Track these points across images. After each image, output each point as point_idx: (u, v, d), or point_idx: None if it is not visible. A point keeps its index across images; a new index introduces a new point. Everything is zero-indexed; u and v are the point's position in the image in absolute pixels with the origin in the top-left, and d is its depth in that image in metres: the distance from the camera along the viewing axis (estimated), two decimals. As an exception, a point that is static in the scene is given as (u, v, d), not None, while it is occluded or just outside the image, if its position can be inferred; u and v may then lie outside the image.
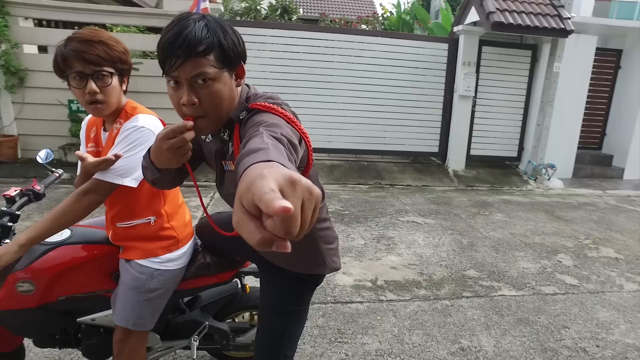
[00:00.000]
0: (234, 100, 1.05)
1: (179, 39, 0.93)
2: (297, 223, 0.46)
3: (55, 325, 1.59)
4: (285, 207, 0.42)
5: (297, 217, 0.46)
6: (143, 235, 1.50)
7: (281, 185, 0.47)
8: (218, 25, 0.97)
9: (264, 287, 1.42)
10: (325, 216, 1.33)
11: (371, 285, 2.90)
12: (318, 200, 0.50)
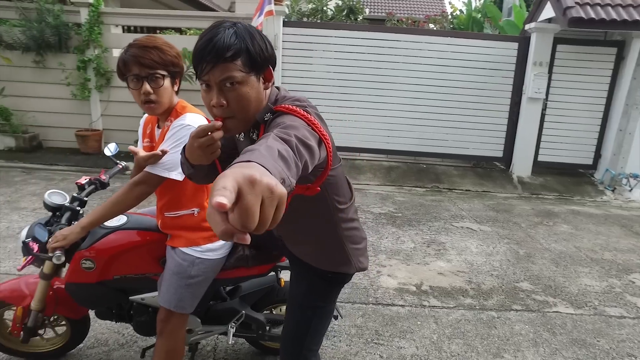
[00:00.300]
0: (262, 102, 1.11)
1: (209, 45, 1.01)
2: (253, 218, 0.50)
3: (111, 300, 1.77)
4: (219, 202, 0.47)
5: (253, 213, 0.50)
6: (187, 225, 1.62)
7: (240, 184, 0.51)
8: (246, 32, 1.04)
9: (293, 282, 1.48)
10: (352, 217, 1.36)
11: (415, 290, 2.86)
12: (281, 199, 0.54)
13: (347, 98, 6.20)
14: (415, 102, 6.17)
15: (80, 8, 6.03)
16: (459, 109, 6.16)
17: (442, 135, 6.25)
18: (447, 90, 6.11)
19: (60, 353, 2.04)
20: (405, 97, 6.16)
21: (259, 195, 0.52)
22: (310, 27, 6.32)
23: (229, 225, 0.50)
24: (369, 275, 3.03)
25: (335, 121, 6.24)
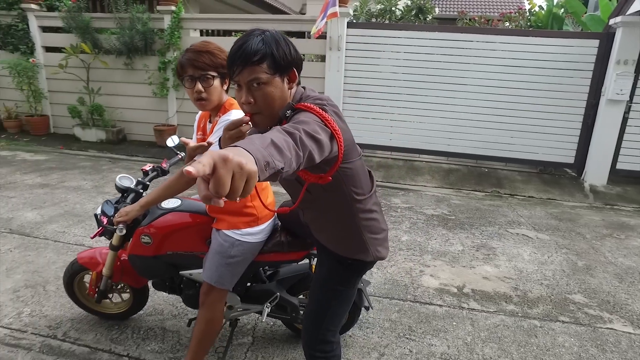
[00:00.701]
0: (286, 100, 1.25)
1: (239, 51, 1.17)
2: (224, 187, 0.64)
3: (164, 273, 2.02)
4: (187, 170, 0.61)
5: (224, 183, 0.64)
6: (230, 210, 1.81)
7: (215, 160, 0.65)
8: (272, 39, 1.19)
9: (318, 265, 1.61)
10: (371, 208, 1.45)
11: (456, 292, 2.84)
12: (249, 174, 0.68)
13: (409, 99, 6.17)
14: (480, 103, 5.98)
15: (164, 15, 6.65)
16: (528, 111, 5.86)
17: (507, 139, 5.99)
18: (516, 91, 5.85)
19: (124, 316, 2.36)
20: (469, 99, 5.99)
21: (230, 170, 0.66)
22: (374, 28, 6.38)
23: (207, 192, 0.65)
24: (410, 273, 3.06)
25: (396, 122, 6.25)
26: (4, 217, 3.85)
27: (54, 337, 2.24)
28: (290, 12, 13.51)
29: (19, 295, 2.62)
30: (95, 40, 7.00)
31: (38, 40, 7.54)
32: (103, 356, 2.11)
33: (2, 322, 2.35)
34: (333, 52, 6.11)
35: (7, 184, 4.89)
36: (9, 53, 7.63)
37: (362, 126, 6.38)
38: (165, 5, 6.59)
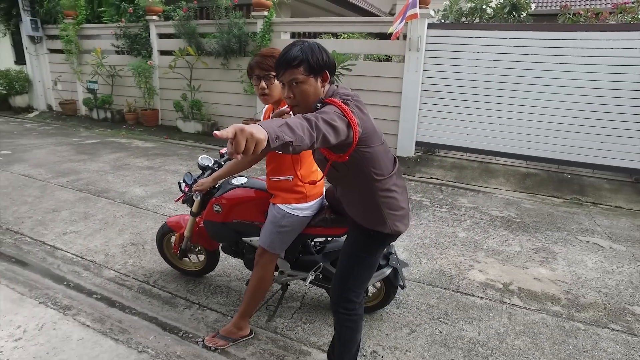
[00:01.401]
0: (319, 95, 1.56)
1: (283, 57, 1.51)
2: (239, 147, 0.97)
3: (231, 238, 2.45)
4: (215, 134, 0.94)
5: (239, 144, 0.97)
6: (283, 188, 2.17)
7: (236, 129, 0.99)
8: (309, 48, 1.50)
9: (347, 235, 1.89)
10: (390, 188, 1.68)
11: (501, 287, 2.90)
12: (257, 141, 1.00)
13: (488, 100, 6.06)
14: (566, 105, 5.67)
15: (258, 20, 7.33)
16: (623, 114, 5.41)
17: (596, 144, 5.59)
18: (610, 92, 5.44)
19: (199, 274, 2.86)
20: (554, 100, 5.71)
21: (244, 137, 0.99)
22: (455, 29, 6.36)
23: (231, 150, 0.98)
24: (459, 267, 3.16)
25: (473, 123, 6.18)
26: (119, 191, 4.71)
27: (147, 283, 2.81)
28: (380, 13, 13.71)
29: (126, 250, 3.28)
30: (199, 44, 7.95)
31: (155, 45, 8.76)
32: (180, 302, 2.61)
33: (114, 267, 3.00)
34: (412, 53, 6.23)
35: (123, 165, 5.88)
36: (133, 57, 8.98)
37: (438, 126, 6.42)
38: (259, 11, 7.26)
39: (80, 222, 3.81)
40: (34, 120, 10.18)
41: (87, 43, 9.79)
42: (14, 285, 2.70)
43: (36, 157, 6.22)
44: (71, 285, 2.76)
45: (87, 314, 2.44)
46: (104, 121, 9.59)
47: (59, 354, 2.07)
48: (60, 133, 8.42)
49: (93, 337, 2.22)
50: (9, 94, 10.98)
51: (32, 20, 10.12)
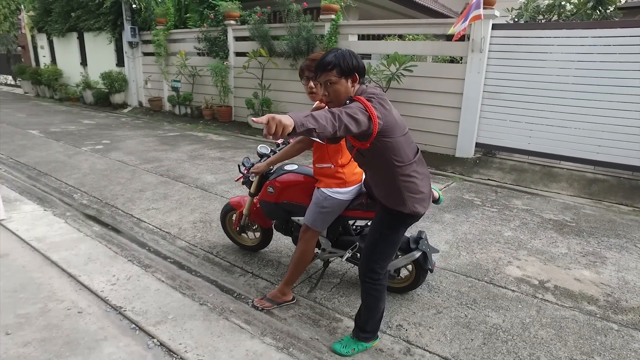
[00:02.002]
0: (348, 94, 1.85)
1: (319, 62, 1.83)
2: (270, 130, 1.30)
3: (281, 217, 2.82)
4: (252, 119, 1.27)
5: (270, 128, 1.31)
6: (326, 174, 2.49)
7: (268, 117, 1.32)
8: (341, 55, 1.81)
9: (375, 215, 2.16)
10: (410, 173, 1.93)
11: (537, 284, 2.96)
12: (284, 127, 1.32)
13: (554, 102, 5.85)
14: (643, 109, 5.33)
15: (325, 23, 7.72)
16: None
17: (676, 151, 5.20)
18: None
19: (255, 249, 3.28)
20: (631, 102, 5.39)
21: (275, 123, 1.32)
22: (522, 29, 6.24)
23: (265, 132, 1.32)
24: (497, 262, 3.26)
25: (536, 125, 6.02)
26: (193, 177, 5.34)
27: (211, 253, 3.29)
28: (451, 13, 13.50)
29: (196, 226, 3.81)
30: (271, 46, 8.54)
31: (231, 47, 9.53)
32: (237, 270, 3.04)
33: (185, 239, 3.53)
34: (475, 54, 6.22)
35: (199, 155, 6.58)
36: (212, 58, 9.85)
37: (499, 128, 6.33)
38: (327, 14, 7.64)
39: (160, 201, 4.45)
40: (127, 115, 11.54)
41: (174, 46, 10.88)
42: (110, 246, 3.31)
43: (128, 147, 7.16)
44: (151, 250, 3.32)
45: (162, 272, 2.95)
46: (184, 116, 10.61)
47: (140, 298, 2.58)
48: (147, 126, 9.50)
49: (166, 290, 2.71)
50: (110, 92, 12.53)
51: (132, 28, 11.48)
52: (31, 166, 5.73)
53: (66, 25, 13.76)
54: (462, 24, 5.82)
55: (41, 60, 16.71)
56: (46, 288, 2.66)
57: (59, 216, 3.91)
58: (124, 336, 2.24)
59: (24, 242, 3.29)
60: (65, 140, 7.58)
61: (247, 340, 2.24)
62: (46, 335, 2.19)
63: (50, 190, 4.77)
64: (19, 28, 17.86)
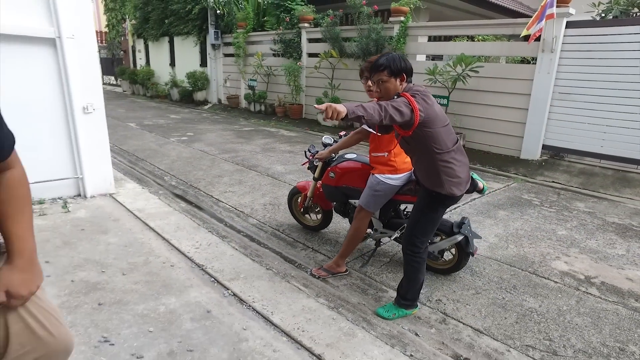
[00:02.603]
0: (397, 91, 2.18)
1: (373, 64, 2.18)
2: (327, 115, 1.69)
3: (340, 199, 3.20)
4: (315, 107, 1.67)
5: (328, 114, 1.70)
6: (380, 162, 2.83)
7: (326, 105, 1.71)
8: (392, 58, 2.15)
9: (418, 195, 2.46)
10: (448, 160, 2.21)
11: (582, 278, 3.04)
12: (339, 113, 1.70)
13: (630, 103, 5.61)
14: None
15: (394, 25, 7.97)
16: None
17: None
18: None
19: (316, 229, 3.70)
20: None
21: (331, 110, 1.71)
22: (598, 26, 6.01)
23: (325, 117, 1.71)
24: (545, 256, 3.36)
25: (611, 127, 5.80)
26: (265, 167, 5.91)
27: (278, 230, 3.76)
28: (528, 10, 12.99)
29: (266, 207, 4.33)
30: (341, 47, 8.96)
31: (304, 49, 10.11)
32: (299, 245, 3.48)
33: (256, 217, 4.05)
34: (545, 54, 6.13)
35: (270, 148, 7.19)
36: (286, 59, 10.51)
37: (569, 130, 6.17)
38: (396, 16, 7.89)
39: (235, 186, 5.05)
40: (208, 111, 12.63)
41: (252, 48, 11.73)
42: (194, 219, 3.92)
43: (209, 139, 7.99)
44: (227, 225, 3.87)
45: (236, 242, 3.48)
46: (259, 113, 11.41)
47: (218, 260, 3.11)
48: (225, 121, 10.40)
49: (239, 256, 3.21)
50: (194, 90, 13.78)
51: (215, 32, 12.56)
52: (131, 153, 6.69)
53: (160, 30, 15.34)
54: (538, 25, 5.76)
55: (138, 62, 18.72)
56: (147, 246, 3.29)
57: (153, 193, 4.63)
58: (205, 286, 2.76)
59: (129, 211, 4.01)
60: (156, 132, 8.62)
61: (304, 298, 2.66)
62: (149, 279, 2.78)
63: (146, 172, 5.59)
64: (122, 35, 20.15)
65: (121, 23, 19.31)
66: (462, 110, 7.11)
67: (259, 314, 2.47)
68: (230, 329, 2.30)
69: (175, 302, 2.53)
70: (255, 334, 2.27)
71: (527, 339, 2.35)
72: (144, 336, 2.20)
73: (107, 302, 2.49)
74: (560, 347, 2.30)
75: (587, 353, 2.26)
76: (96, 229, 3.54)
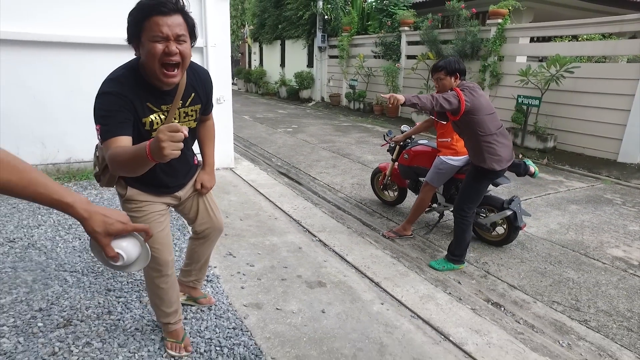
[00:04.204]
0: (452, 87, 2.80)
1: (434, 66, 2.85)
2: (390, 101, 2.42)
3: (412, 177, 3.86)
4: (381, 95, 2.40)
5: (390, 100, 2.43)
6: (445, 146, 3.44)
7: (390, 94, 2.43)
8: (448, 61, 2.80)
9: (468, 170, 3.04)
10: (491, 141, 2.77)
11: (635, 264, 3.27)
12: (398, 100, 2.41)
13: None
14: None
15: (491, 27, 8.17)
16: None
17: None
18: None
19: (392, 204, 4.40)
20: None
21: (393, 98, 2.44)
22: None
23: (387, 103, 2.44)
24: (602, 243, 3.61)
25: None
26: (357, 155, 6.72)
27: (360, 202, 4.54)
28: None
29: (353, 186, 5.13)
30: (438, 49, 9.36)
31: (404, 51, 10.68)
32: (376, 214, 4.21)
33: (344, 192, 4.88)
34: (652, 55, 5.93)
35: (364, 141, 7.98)
36: (385, 61, 11.18)
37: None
38: (494, 19, 8.08)
39: (330, 169, 5.93)
40: (311, 107, 13.85)
41: (354, 50, 12.62)
42: (294, 190, 4.87)
43: (310, 131, 9.05)
44: (320, 196, 4.75)
45: (325, 208, 4.32)
46: (357, 111, 12.25)
47: (310, 218, 3.97)
48: (326, 117, 11.44)
49: (327, 217, 4.05)
50: (300, 89, 15.16)
51: (322, 36, 13.73)
52: (245, 139, 8.00)
53: (274, 35, 17.08)
54: None
55: (252, 63, 20.92)
56: (257, 205, 4.30)
57: (263, 170, 5.72)
58: (298, 233, 3.64)
59: (244, 180, 5.11)
60: (266, 123, 9.96)
61: (373, 249, 3.39)
62: (258, 224, 3.76)
63: (257, 154, 6.77)
64: (242, 39, 22.67)
65: (241, 28, 21.74)
66: (555, 112, 7.09)
67: (337, 254, 3.26)
68: (314, 259, 3.13)
69: (277, 240, 3.45)
70: (332, 265, 3.07)
71: (556, 297, 2.79)
72: (254, 255, 3.14)
73: (230, 234, 3.51)
74: (584, 306, 2.70)
75: (609, 314, 2.63)
76: (221, 190, 4.67)
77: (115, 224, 0.93)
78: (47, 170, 4.64)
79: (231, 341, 2.14)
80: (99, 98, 1.47)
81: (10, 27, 4.04)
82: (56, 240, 3.20)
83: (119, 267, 1.00)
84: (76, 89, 4.41)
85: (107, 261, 0.99)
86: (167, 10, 1.39)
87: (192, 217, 2.06)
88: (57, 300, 2.41)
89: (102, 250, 0.94)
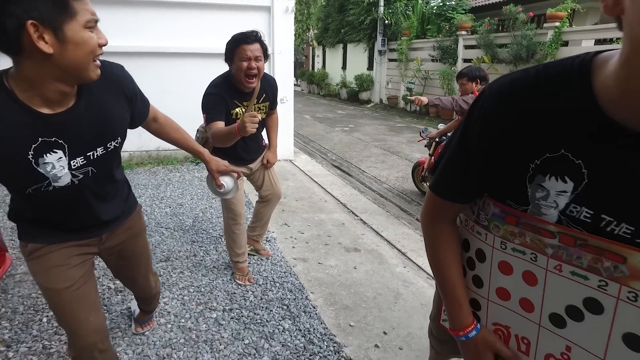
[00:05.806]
0: (472, 91, 3.30)
1: (459, 73, 3.37)
2: (416, 102, 3.01)
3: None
4: (408, 97, 2.99)
5: (416, 101, 3.00)
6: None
7: (416, 97, 3.01)
8: (470, 69, 3.31)
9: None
10: None
11: None
12: (422, 102, 2.98)
13: None
14: None
15: (548, 30, 8.25)
16: None
17: None
18: None
19: (429, 193, 4.88)
20: None
21: (418, 99, 3.01)
22: None
23: (415, 104, 3.02)
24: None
25: None
26: (405, 153, 7.22)
27: (402, 193, 5.08)
28: None
29: (397, 179, 5.68)
30: (494, 53, 9.53)
31: (460, 55, 10.91)
32: (414, 202, 4.74)
33: (388, 184, 5.44)
34: None
35: (415, 141, 8.43)
36: (442, 64, 11.48)
37: None
38: (551, 22, 8.16)
39: (379, 164, 6.50)
40: (369, 109, 14.41)
41: (412, 54, 12.99)
42: (344, 180, 5.53)
43: (365, 130, 9.65)
44: (366, 186, 5.36)
45: (369, 195, 4.93)
46: (413, 113, 12.63)
47: (355, 202, 4.60)
48: (382, 118, 11.96)
49: (369, 202, 4.65)
50: (359, 91, 15.78)
51: (382, 40, 14.25)
52: (305, 136, 8.79)
53: (336, 38, 17.85)
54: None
55: (315, 66, 21.89)
56: (311, 190, 5.01)
57: (318, 163, 6.43)
58: (344, 213, 4.28)
59: (301, 170, 5.85)
60: (325, 122, 10.71)
61: (406, 229, 3.94)
62: (310, 205, 4.45)
63: (314, 150, 7.51)
64: (306, 42, 23.79)
65: (306, 32, 22.83)
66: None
67: (373, 230, 3.87)
68: (354, 232, 3.76)
69: (324, 217, 4.12)
70: (368, 237, 3.68)
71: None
72: (305, 226, 3.84)
73: (286, 210, 4.24)
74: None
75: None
76: (281, 177, 5.40)
77: (221, 166, 1.65)
78: (141, 155, 5.70)
79: (282, 279, 2.85)
80: (205, 97, 2.23)
81: (123, 42, 5.11)
82: (153, 207, 4.12)
83: (221, 193, 1.72)
84: (167, 90, 5.40)
85: (215, 189, 1.71)
86: (251, 40, 2.12)
87: (259, 184, 2.79)
88: (158, 245, 3.28)
89: (214, 181, 1.66)
